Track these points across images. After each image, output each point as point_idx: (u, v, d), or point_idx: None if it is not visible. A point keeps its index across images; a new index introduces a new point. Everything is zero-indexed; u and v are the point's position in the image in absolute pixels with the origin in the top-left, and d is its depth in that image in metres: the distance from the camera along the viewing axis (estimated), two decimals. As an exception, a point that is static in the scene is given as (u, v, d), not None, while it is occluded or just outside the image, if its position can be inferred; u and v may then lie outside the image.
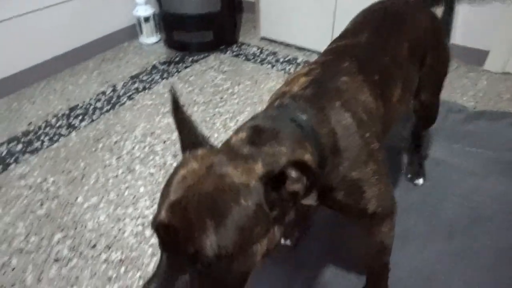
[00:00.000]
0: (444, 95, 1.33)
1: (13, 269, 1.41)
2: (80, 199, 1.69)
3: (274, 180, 0.50)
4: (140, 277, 1.36)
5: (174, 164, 1.84)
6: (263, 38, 2.99)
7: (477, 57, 2.47)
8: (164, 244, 0.50)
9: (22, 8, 2.31)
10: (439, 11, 2.07)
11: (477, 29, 2.39)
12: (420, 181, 1.09)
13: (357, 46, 0.79)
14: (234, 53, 2.86)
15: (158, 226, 0.49)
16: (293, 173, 0.49)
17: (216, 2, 2.71)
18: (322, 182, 0.63)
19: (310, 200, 0.68)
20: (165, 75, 2.62)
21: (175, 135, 2.06)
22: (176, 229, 0.47)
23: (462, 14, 2.38)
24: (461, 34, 2.44)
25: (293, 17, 2.71)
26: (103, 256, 1.44)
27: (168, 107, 2.28)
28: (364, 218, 0.74)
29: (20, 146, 1.99)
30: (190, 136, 0.58)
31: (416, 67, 0.89)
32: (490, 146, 1.17)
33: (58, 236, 1.53)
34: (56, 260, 1.43)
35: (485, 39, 2.40)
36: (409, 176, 1.11)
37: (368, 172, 0.66)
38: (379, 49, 0.80)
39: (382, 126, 0.74)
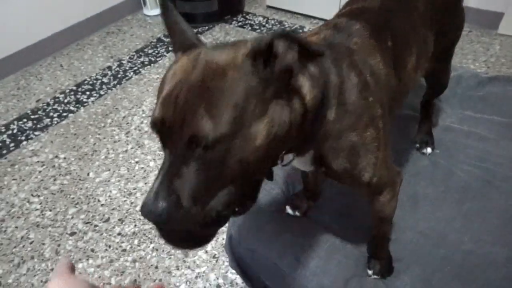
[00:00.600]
0: (455, 61, 1.30)
1: (31, 242, 1.46)
2: (91, 175, 1.72)
3: (263, 56, 0.48)
4: (153, 248, 1.40)
5: (183, 138, 1.86)
6: (269, 7, 2.91)
7: (491, 20, 2.38)
8: (163, 141, 0.49)
9: (23, -18, 2.27)
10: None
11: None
12: (429, 150, 1.08)
13: (371, 10, 0.75)
14: (240, 24, 2.80)
15: (154, 123, 0.49)
16: (280, 45, 0.47)
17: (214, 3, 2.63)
18: (321, 135, 0.61)
19: (306, 165, 0.68)
20: (170, 48, 2.58)
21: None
22: (170, 120, 0.47)
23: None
24: (474, -4, 2.34)
25: (300, -17, 2.62)
26: (117, 229, 1.48)
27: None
28: (361, 187, 0.73)
29: (30, 123, 2.01)
30: (182, 39, 0.56)
31: (432, 32, 0.86)
32: (502, 112, 1.15)
33: (72, 210, 1.57)
34: (72, 234, 1.48)
35: (499, 1, 2.30)
36: (417, 145, 1.10)
37: (366, 137, 0.64)
38: (394, 13, 0.77)
39: (393, 94, 0.72)
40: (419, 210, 0.94)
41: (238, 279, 1.28)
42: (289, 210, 0.97)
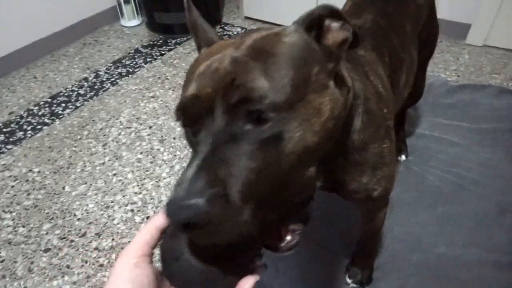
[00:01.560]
0: (427, 70, 1.34)
1: (3, 260, 1.41)
2: (67, 188, 1.68)
3: (314, 28, 0.43)
4: (131, 262, 1.37)
5: (162, 149, 1.85)
6: (247, 18, 2.95)
7: (460, 30, 2.48)
8: (194, 122, 0.39)
9: (-5, -7, 2.22)
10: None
11: (459, 2, 2.39)
12: (403, 157, 1.11)
13: (364, 27, 0.76)
14: (218, 34, 2.81)
15: (186, 103, 0.39)
16: (334, 24, 0.43)
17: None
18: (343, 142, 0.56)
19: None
20: (148, 58, 2.57)
21: (161, 120, 2.04)
22: (207, 94, 0.37)
23: (445, -13, 2.37)
24: (443, 8, 2.43)
25: (277, -5, 2.66)
26: (94, 244, 1.45)
27: (152, 91, 2.25)
28: (366, 202, 0.69)
29: (2, 137, 1.95)
30: (207, 36, 0.55)
31: (416, 50, 0.88)
32: (470, 118, 1.20)
33: (46, 226, 1.52)
34: (46, 250, 1.44)
35: (467, 12, 2.40)
36: None
37: (384, 149, 0.62)
38: (386, 31, 0.77)
39: (393, 112, 0.73)
40: (395, 216, 0.96)
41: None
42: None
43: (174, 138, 1.93)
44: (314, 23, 0.44)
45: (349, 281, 0.85)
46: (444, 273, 0.83)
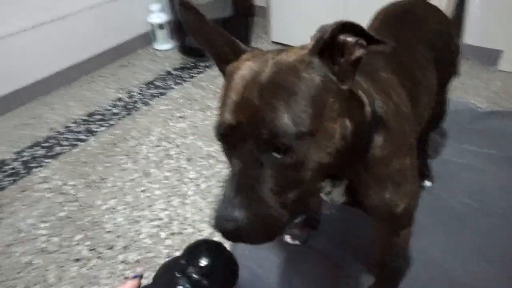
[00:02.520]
0: (456, 96, 1.34)
1: (36, 268, 1.48)
2: (98, 202, 1.75)
3: (328, 50, 0.48)
4: (156, 276, 1.41)
5: (189, 168, 1.90)
6: (274, 43, 3.03)
7: (491, 57, 2.45)
8: (231, 147, 0.47)
9: (40, 18, 2.41)
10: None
11: (490, 28, 2.37)
12: (427, 183, 1.10)
13: (383, 52, 0.79)
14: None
15: (224, 128, 0.47)
16: (349, 38, 0.47)
17: (228, 7, 2.77)
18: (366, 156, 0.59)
19: (337, 196, 0.66)
20: (178, 80, 2.68)
21: (189, 140, 2.11)
22: (242, 124, 0.45)
23: (474, 13, 2.37)
24: (474, 34, 2.42)
25: (304, 21, 2.74)
26: (120, 257, 1.50)
27: (182, 112, 2.34)
28: (389, 219, 0.71)
29: (42, 151, 2.08)
30: (226, 45, 0.57)
31: (434, 69, 0.90)
32: (499, 145, 1.18)
33: (78, 237, 1.59)
34: (77, 260, 1.50)
35: (498, 39, 2.39)
36: None
37: (406, 165, 0.64)
38: (404, 55, 0.80)
39: (415, 131, 0.75)
40: (414, 239, 0.96)
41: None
42: (288, 239, 0.99)
43: (201, 158, 1.98)
44: (327, 45, 0.48)
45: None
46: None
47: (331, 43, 0.48)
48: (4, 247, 1.56)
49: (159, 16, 2.98)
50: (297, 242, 0.98)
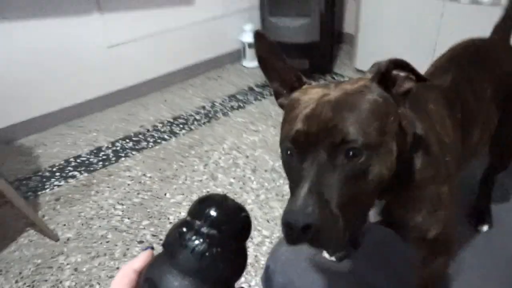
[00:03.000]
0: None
1: (108, 241, 1.69)
2: (168, 195, 1.94)
3: (383, 82, 0.54)
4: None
5: (252, 178, 2.01)
6: (358, 70, 3.04)
7: None
8: (303, 152, 0.51)
9: (148, 30, 2.77)
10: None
11: None
12: (485, 227, 1.04)
13: (443, 85, 0.81)
14: (327, 82, 2.96)
15: (297, 135, 0.51)
16: (400, 74, 0.54)
17: (316, 32, 2.87)
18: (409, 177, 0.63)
19: (372, 215, 0.69)
20: (259, 97, 2.84)
21: (258, 152, 2.23)
22: (314, 132, 0.50)
23: None
24: None
25: (391, 52, 2.71)
26: (177, 247, 1.64)
27: (256, 126, 2.48)
28: (422, 244, 0.72)
29: (131, 144, 2.37)
30: (293, 75, 0.62)
31: (498, 109, 0.88)
32: None
33: (145, 222, 1.79)
34: (140, 242, 1.68)
35: None
36: (473, 222, 1.07)
37: (443, 192, 0.66)
38: (463, 90, 0.82)
39: (458, 161, 0.76)
40: (461, 278, 0.92)
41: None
42: (325, 254, 1.02)
43: (265, 171, 2.08)
44: (383, 77, 0.55)
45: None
46: None
47: (386, 77, 0.55)
48: (87, 219, 1.82)
49: (250, 35, 3.20)
50: (333, 259, 1.01)
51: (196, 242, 0.39)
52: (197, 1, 2.93)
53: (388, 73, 0.56)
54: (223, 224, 0.40)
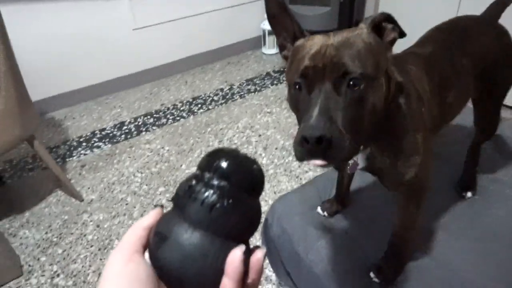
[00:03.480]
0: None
1: (127, 204, 1.85)
2: (183, 166, 2.08)
3: (376, 30, 0.65)
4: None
5: (263, 155, 2.12)
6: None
7: None
8: (311, 83, 0.60)
9: (175, 14, 2.91)
10: None
11: None
12: (469, 194, 1.11)
13: (424, 54, 0.91)
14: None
15: (305, 69, 0.60)
16: (388, 25, 0.66)
17: (334, 20, 2.94)
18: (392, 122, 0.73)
19: (360, 160, 0.80)
20: (275, 81, 2.94)
21: (270, 132, 2.34)
22: (320, 66, 0.59)
23: None
24: None
25: (409, 40, 2.75)
26: (190, 211, 1.78)
27: (270, 108, 2.58)
28: (399, 187, 0.82)
29: (151, 120, 2.53)
30: (297, 28, 0.71)
31: (474, 78, 0.96)
32: None
33: (161, 189, 1.93)
34: (156, 206, 1.83)
35: None
36: (458, 189, 1.14)
37: (418, 138, 0.76)
38: (441, 59, 0.92)
39: (433, 118, 0.85)
40: (434, 238, 1.00)
41: (273, 277, 1.43)
42: (319, 209, 1.13)
43: (276, 149, 2.19)
44: (375, 25, 0.67)
45: (372, 275, 0.93)
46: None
47: (378, 26, 0.67)
48: (110, 184, 1.99)
49: (270, 23, 3.29)
50: (325, 214, 1.11)
51: (206, 193, 0.37)
52: (220, -12, 3.05)
53: (380, 24, 0.66)
54: (233, 175, 0.38)
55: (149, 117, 2.57)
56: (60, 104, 2.70)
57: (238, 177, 0.38)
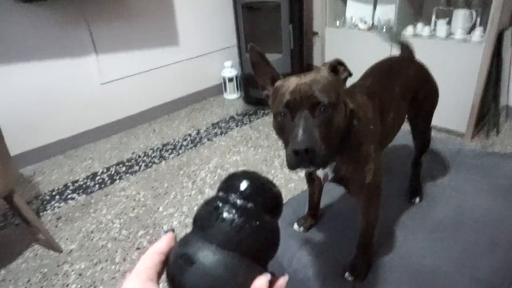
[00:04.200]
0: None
1: (108, 250, 1.88)
2: (161, 209, 2.16)
3: (333, 70, 0.86)
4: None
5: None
6: (327, 97, 3.39)
7: None
8: (293, 111, 0.79)
9: (138, 69, 3.09)
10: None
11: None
12: (417, 199, 1.32)
13: (367, 85, 1.14)
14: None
15: (288, 101, 0.79)
16: (341, 68, 0.87)
17: (288, 65, 3.25)
18: (349, 141, 0.92)
19: (328, 171, 0.97)
20: (239, 123, 3.14)
21: (240, 169, 2.48)
22: (298, 99, 0.78)
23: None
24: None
25: (350, 79, 3.09)
26: (172, 249, 1.84)
27: (237, 148, 2.75)
28: (360, 191, 1.00)
29: (124, 168, 2.60)
30: (267, 71, 0.90)
31: (406, 101, 1.20)
32: (492, 176, 1.35)
33: (141, 232, 1.99)
34: (138, 248, 1.88)
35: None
36: (408, 195, 1.35)
37: (371, 149, 0.96)
38: (379, 88, 1.15)
39: (379, 134, 1.05)
40: (395, 235, 1.17)
41: None
42: (295, 226, 1.27)
43: (248, 184, 2.33)
44: (333, 67, 0.88)
45: (346, 274, 1.07)
46: (427, 282, 1.01)
47: (334, 68, 0.88)
48: (88, 233, 2.01)
49: (230, 71, 3.56)
50: (302, 229, 1.26)
51: (234, 214, 0.37)
52: (181, 42, 3.29)
53: (335, 66, 0.88)
54: (258, 197, 0.39)
55: (121, 165, 2.64)
56: (28, 160, 2.70)
57: (263, 199, 0.39)
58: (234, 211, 0.37)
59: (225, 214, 0.37)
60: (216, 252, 0.35)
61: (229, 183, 0.40)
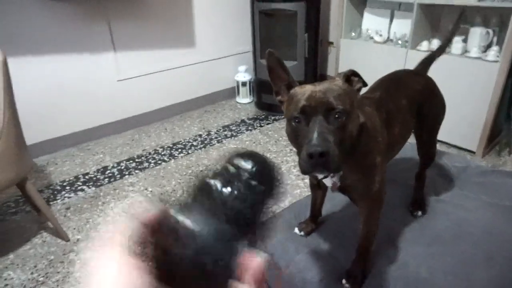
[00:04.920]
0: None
1: (113, 242, 1.93)
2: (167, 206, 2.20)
3: (347, 81, 0.89)
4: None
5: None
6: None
7: None
8: (308, 116, 0.82)
9: (156, 68, 3.16)
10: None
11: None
12: (419, 213, 1.33)
13: (375, 97, 1.17)
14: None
15: (304, 106, 0.82)
16: (355, 79, 0.90)
17: (301, 73, 3.28)
18: (357, 149, 0.94)
19: (335, 179, 0.99)
20: (250, 128, 3.18)
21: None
22: (313, 104, 0.81)
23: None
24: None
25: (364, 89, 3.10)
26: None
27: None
28: (364, 200, 1.02)
29: (134, 164, 2.65)
30: (283, 77, 0.93)
31: (412, 114, 1.22)
32: (495, 195, 1.36)
33: (146, 227, 2.03)
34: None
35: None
36: (411, 209, 1.36)
37: (377, 161, 0.98)
38: (386, 101, 1.17)
39: (386, 146, 1.07)
40: (394, 245, 1.19)
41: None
42: (296, 230, 1.30)
43: (254, 187, 2.36)
44: (347, 77, 0.91)
45: (343, 281, 1.09)
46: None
47: (348, 78, 0.91)
48: (95, 224, 2.06)
49: (244, 75, 3.61)
50: (302, 234, 1.28)
51: (235, 187, 0.36)
52: (198, 45, 3.36)
53: (349, 76, 0.91)
54: (267, 182, 0.39)
55: (131, 161, 2.70)
56: (42, 150, 2.78)
57: (265, 178, 0.38)
58: (235, 183, 0.37)
59: (231, 186, 0.36)
60: (218, 223, 0.34)
61: (235, 158, 0.39)
